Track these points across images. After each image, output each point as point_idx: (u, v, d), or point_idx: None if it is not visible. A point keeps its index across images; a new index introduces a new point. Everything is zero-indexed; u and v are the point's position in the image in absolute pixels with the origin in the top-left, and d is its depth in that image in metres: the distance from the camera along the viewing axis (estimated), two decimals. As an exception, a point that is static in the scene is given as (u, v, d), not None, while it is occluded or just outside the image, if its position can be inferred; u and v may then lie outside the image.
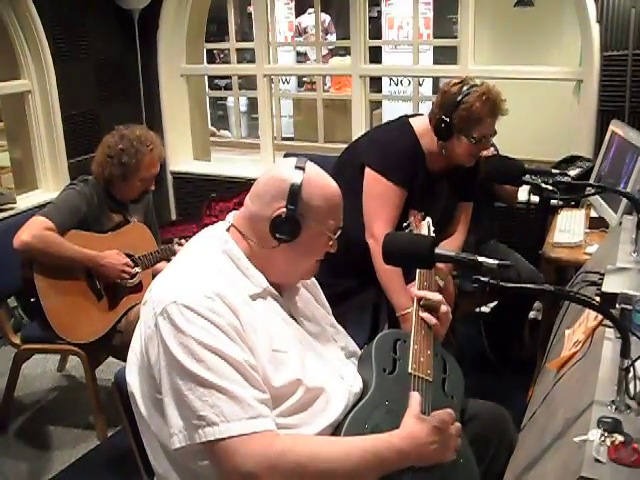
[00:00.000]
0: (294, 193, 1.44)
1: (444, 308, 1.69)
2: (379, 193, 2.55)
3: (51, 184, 4.14)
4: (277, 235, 1.45)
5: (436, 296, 1.70)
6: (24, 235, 2.57)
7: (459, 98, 2.47)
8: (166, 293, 1.36)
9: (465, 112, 2.46)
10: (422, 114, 2.72)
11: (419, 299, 1.71)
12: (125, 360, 1.48)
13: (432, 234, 2.00)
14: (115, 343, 2.76)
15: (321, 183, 1.49)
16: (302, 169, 1.47)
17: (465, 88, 2.48)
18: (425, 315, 1.67)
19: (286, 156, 2.70)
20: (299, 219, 1.45)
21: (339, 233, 1.53)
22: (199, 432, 1.27)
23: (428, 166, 2.63)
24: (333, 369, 1.54)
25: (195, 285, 1.36)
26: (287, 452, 1.28)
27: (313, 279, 1.70)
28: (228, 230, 1.52)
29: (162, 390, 1.33)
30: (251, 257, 1.48)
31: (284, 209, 1.44)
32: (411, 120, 2.66)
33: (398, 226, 2.49)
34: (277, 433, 1.31)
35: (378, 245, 2.53)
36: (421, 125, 2.62)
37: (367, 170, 2.58)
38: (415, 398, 1.46)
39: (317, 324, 1.61)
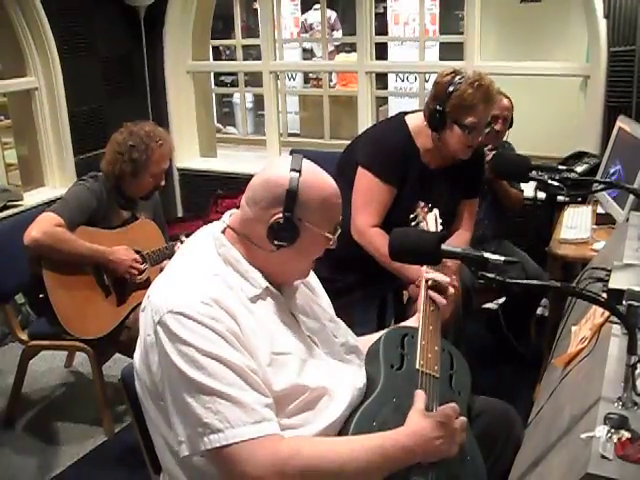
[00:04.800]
0: (291, 199, 1.40)
1: (451, 290, 1.75)
2: (366, 188, 2.56)
3: (58, 181, 4.16)
4: (276, 242, 1.42)
5: (445, 278, 1.75)
6: (34, 231, 2.58)
7: (451, 87, 2.45)
8: (163, 301, 1.35)
9: (457, 100, 2.44)
10: (421, 110, 2.69)
11: (427, 294, 1.72)
12: (132, 357, 1.48)
13: (439, 226, 2.00)
14: (123, 339, 2.76)
15: (318, 185, 1.45)
16: (298, 171, 1.43)
17: (457, 78, 2.46)
18: (434, 295, 1.73)
19: (292, 153, 2.69)
20: (297, 224, 1.42)
21: (339, 231, 1.50)
22: (204, 440, 1.27)
23: (424, 163, 2.61)
24: (334, 366, 1.54)
25: (191, 291, 1.35)
26: (294, 456, 1.28)
27: (311, 272, 1.69)
28: (224, 231, 1.49)
29: (165, 398, 1.33)
30: (248, 258, 1.46)
31: (281, 215, 1.41)
32: (407, 117, 2.65)
33: (389, 224, 2.47)
34: (282, 436, 1.31)
35: (362, 236, 2.54)
36: (417, 122, 2.60)
37: (359, 167, 2.59)
38: (419, 395, 1.46)
39: (317, 320, 1.60)
